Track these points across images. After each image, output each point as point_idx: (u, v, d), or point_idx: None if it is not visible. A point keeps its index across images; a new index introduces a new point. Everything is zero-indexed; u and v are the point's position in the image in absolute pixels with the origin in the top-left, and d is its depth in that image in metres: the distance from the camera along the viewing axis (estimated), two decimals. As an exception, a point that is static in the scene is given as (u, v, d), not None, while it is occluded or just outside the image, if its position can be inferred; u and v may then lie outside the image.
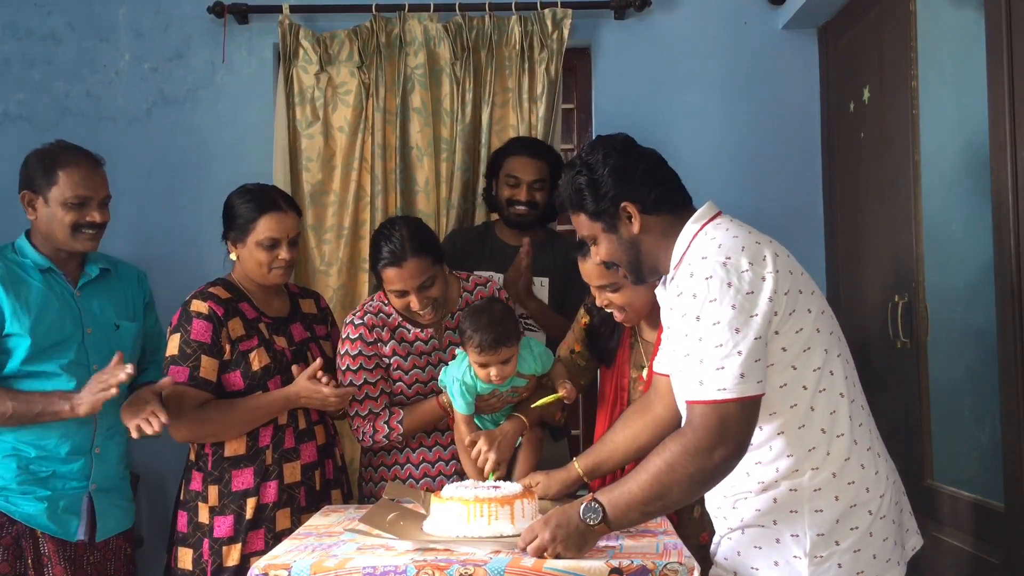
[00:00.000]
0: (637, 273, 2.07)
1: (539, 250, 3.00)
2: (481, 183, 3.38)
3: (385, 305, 2.71)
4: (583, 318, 2.63)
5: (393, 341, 2.69)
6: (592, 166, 2.00)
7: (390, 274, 2.58)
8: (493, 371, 2.48)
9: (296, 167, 3.41)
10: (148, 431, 2.42)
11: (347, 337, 2.67)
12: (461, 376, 2.53)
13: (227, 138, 3.49)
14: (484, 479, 2.44)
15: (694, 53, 3.54)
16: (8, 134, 3.43)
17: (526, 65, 3.39)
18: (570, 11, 3.38)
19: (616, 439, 2.33)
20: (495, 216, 3.25)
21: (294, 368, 2.62)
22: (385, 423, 2.64)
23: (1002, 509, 2.35)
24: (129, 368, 2.43)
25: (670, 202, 2.00)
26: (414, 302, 2.59)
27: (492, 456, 2.47)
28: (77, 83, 3.48)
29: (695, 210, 2.01)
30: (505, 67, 3.41)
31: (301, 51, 3.40)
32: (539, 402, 2.52)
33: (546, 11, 3.38)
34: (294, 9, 3.42)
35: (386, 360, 2.68)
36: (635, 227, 1.99)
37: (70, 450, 2.62)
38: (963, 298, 2.64)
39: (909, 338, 2.80)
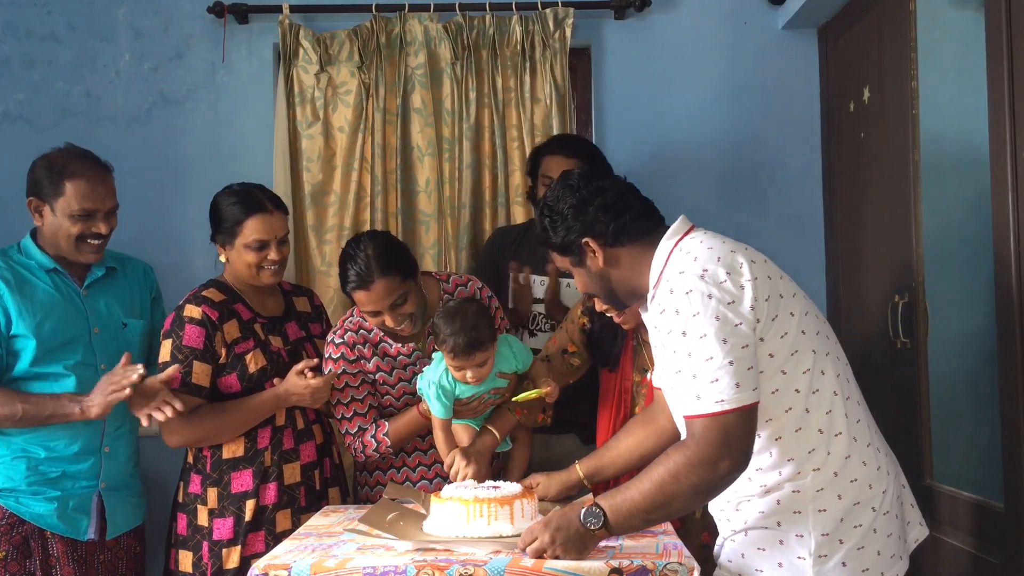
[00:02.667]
0: (614, 302, 2.12)
1: None
2: (487, 181, 3.39)
3: (365, 321, 2.66)
4: (581, 319, 2.62)
5: (376, 357, 2.65)
6: (552, 206, 2.04)
7: (360, 297, 2.53)
8: (469, 373, 2.46)
9: (296, 167, 3.41)
10: (160, 417, 2.44)
11: (329, 357, 2.64)
12: (438, 379, 2.50)
13: (227, 138, 3.49)
14: None
15: (694, 53, 3.54)
16: (8, 134, 3.43)
17: (528, 65, 3.39)
18: (572, 10, 3.38)
19: (620, 446, 2.34)
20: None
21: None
22: (372, 437, 2.62)
23: (1002, 509, 2.35)
24: (140, 369, 2.43)
25: (633, 231, 2.00)
26: (388, 320, 2.55)
27: (470, 471, 2.44)
28: (77, 83, 3.47)
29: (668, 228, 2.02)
30: (508, 67, 3.41)
31: (301, 51, 3.40)
32: (520, 396, 2.49)
33: (547, 11, 3.38)
34: (294, 9, 3.42)
35: (371, 376, 2.65)
36: (600, 261, 2.01)
37: (79, 450, 2.63)
38: (963, 298, 2.64)
39: (909, 338, 2.79)
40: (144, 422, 2.49)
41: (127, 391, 2.43)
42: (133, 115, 3.48)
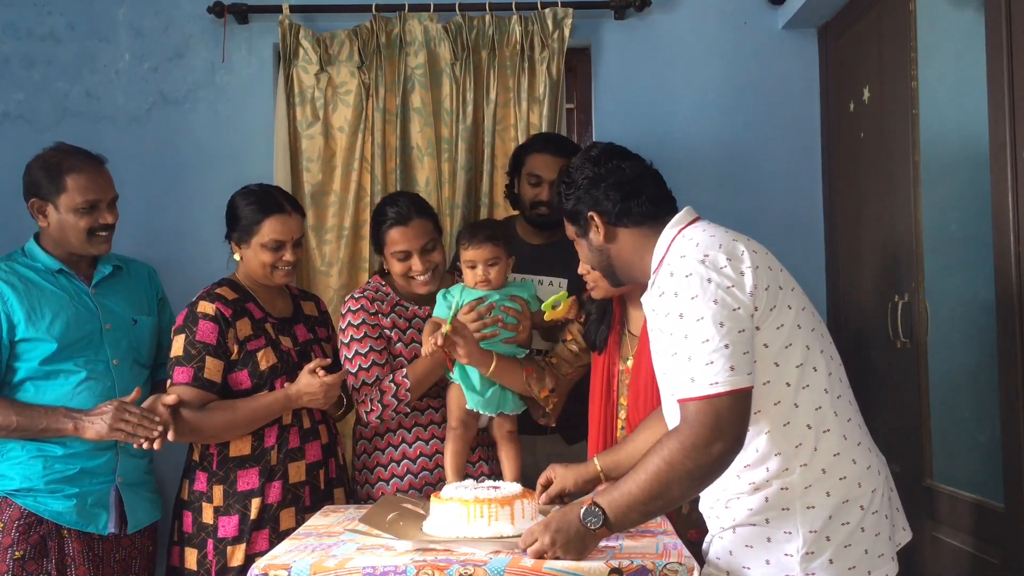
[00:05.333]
0: (611, 279, 2.17)
1: (558, 250, 2.96)
2: (485, 182, 3.39)
3: (383, 285, 2.79)
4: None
5: (393, 315, 2.75)
6: (571, 174, 2.11)
7: (395, 234, 2.67)
8: (479, 269, 2.58)
9: (296, 167, 3.41)
10: (146, 446, 2.48)
11: (348, 311, 2.73)
12: (450, 288, 2.66)
13: (227, 138, 3.49)
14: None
15: (694, 53, 3.54)
16: (8, 134, 3.43)
17: (526, 65, 3.39)
18: (571, 10, 3.38)
19: (637, 440, 2.32)
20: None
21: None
22: (391, 381, 2.66)
23: (1002, 509, 2.35)
24: (169, 435, 2.49)
25: (638, 215, 2.05)
26: (416, 263, 2.67)
27: (435, 337, 2.50)
28: (77, 83, 3.47)
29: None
30: (506, 67, 3.41)
31: (301, 51, 3.40)
32: (547, 302, 2.56)
33: (547, 11, 3.38)
34: (294, 9, 3.42)
35: (387, 332, 2.72)
36: (601, 236, 2.06)
37: (95, 446, 2.63)
38: (963, 298, 2.64)
39: (909, 338, 2.80)
40: (135, 446, 2.51)
41: (138, 441, 2.48)
42: (133, 115, 3.48)
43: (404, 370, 2.67)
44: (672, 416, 2.03)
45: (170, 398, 2.50)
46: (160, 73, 3.49)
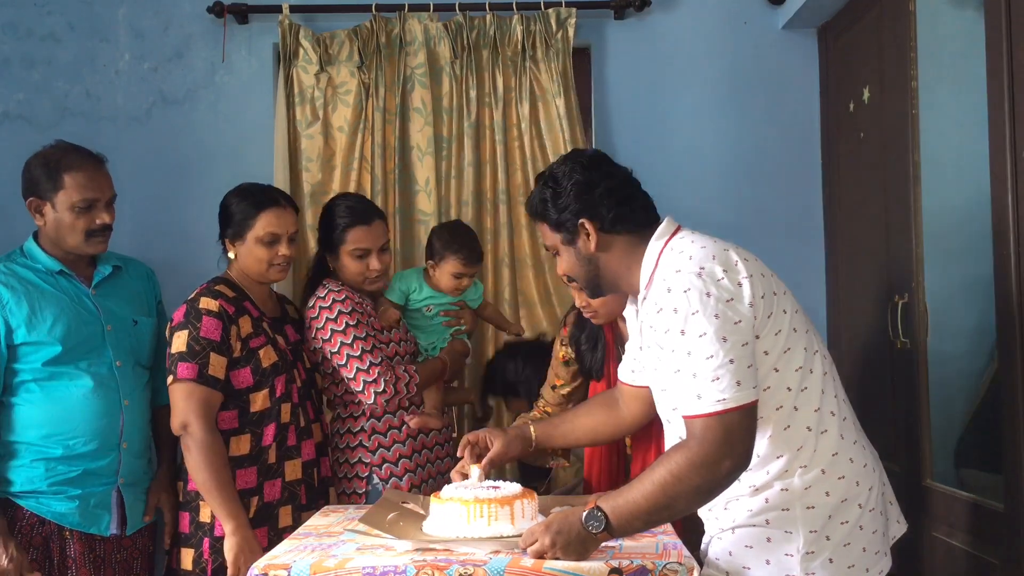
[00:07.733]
0: (594, 288, 2.11)
1: None
2: (488, 181, 3.39)
3: (342, 286, 2.78)
4: (561, 352, 2.67)
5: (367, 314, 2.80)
6: (558, 179, 2.03)
7: (358, 233, 2.72)
8: (464, 281, 2.85)
9: (296, 167, 3.41)
10: None
11: (335, 301, 2.71)
12: (411, 277, 2.91)
13: (227, 138, 3.49)
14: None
15: (694, 53, 3.54)
16: (8, 134, 3.43)
17: (527, 64, 3.40)
18: (574, 10, 3.38)
19: (577, 422, 2.36)
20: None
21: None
22: (404, 371, 2.71)
23: (1002, 509, 2.35)
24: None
25: (630, 222, 2.01)
26: (374, 262, 2.73)
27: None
28: (77, 83, 3.47)
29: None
30: (508, 66, 3.41)
31: (301, 51, 3.40)
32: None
33: (549, 10, 3.38)
34: (294, 9, 3.42)
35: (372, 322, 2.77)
36: (592, 244, 2.01)
37: (98, 447, 2.62)
38: (963, 298, 2.64)
39: (909, 338, 2.80)
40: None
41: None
42: (133, 115, 3.48)
43: (414, 366, 2.75)
44: (672, 433, 2.03)
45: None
46: (160, 73, 3.49)
